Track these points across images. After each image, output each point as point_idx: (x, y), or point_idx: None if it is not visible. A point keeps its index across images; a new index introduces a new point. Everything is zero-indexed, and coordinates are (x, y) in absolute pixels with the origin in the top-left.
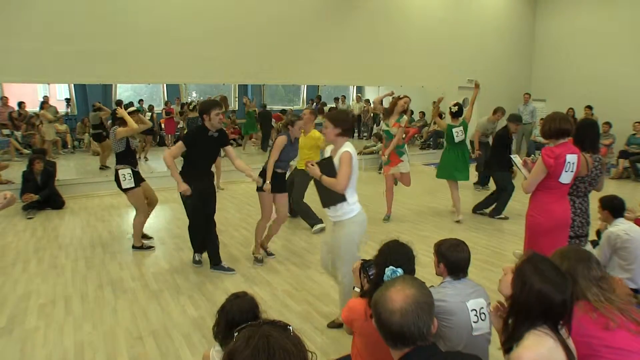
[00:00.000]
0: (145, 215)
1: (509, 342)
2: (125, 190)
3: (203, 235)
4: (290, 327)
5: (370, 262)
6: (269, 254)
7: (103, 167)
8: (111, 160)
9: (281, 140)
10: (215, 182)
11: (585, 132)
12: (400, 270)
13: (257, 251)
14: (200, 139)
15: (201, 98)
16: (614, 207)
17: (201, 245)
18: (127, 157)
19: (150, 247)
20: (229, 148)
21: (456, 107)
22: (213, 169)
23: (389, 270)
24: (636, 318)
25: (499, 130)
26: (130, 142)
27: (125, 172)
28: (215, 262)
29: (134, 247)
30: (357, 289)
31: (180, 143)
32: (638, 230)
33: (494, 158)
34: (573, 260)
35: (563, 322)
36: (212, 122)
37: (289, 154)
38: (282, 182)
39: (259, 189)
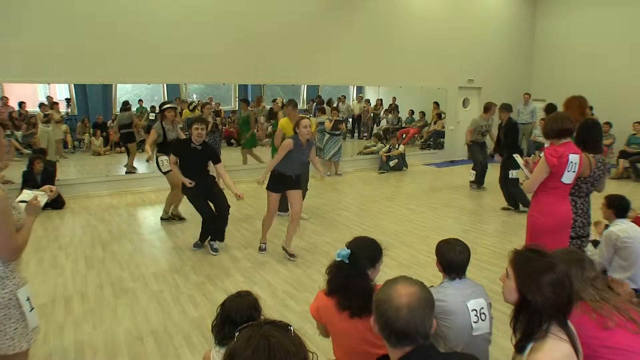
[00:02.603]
0: (176, 194)
1: (524, 340)
2: (164, 173)
3: (210, 225)
4: (291, 328)
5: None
6: (291, 255)
7: (131, 172)
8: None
9: (286, 143)
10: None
11: (588, 132)
12: (346, 250)
13: (264, 239)
14: (184, 150)
15: (197, 98)
16: (619, 207)
17: (206, 236)
18: (165, 146)
19: (181, 219)
20: (219, 166)
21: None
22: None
23: (339, 250)
24: (634, 317)
25: (508, 123)
26: (167, 134)
27: (163, 159)
28: (214, 238)
29: (161, 218)
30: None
31: (171, 156)
32: (638, 230)
33: (507, 147)
34: (565, 263)
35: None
36: (192, 136)
37: (296, 158)
38: (285, 182)
39: (268, 188)
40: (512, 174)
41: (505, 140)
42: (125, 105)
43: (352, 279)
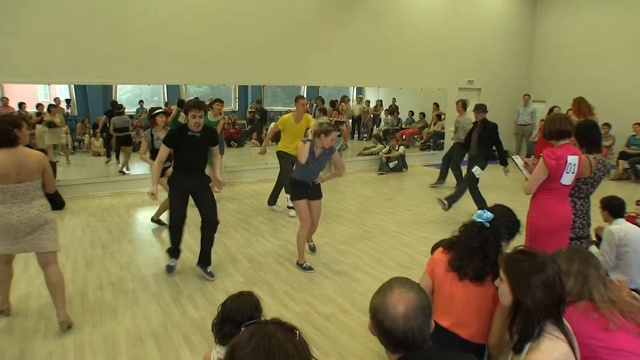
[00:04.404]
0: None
1: (521, 342)
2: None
3: (177, 237)
4: (298, 331)
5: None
6: (312, 249)
7: (123, 172)
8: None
9: (302, 147)
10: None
11: (586, 134)
12: (488, 213)
13: (302, 259)
14: (180, 139)
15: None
16: (612, 208)
17: (176, 249)
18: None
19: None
20: (215, 149)
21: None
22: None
23: (479, 212)
24: (636, 319)
25: (487, 124)
26: (154, 143)
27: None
28: (202, 263)
29: (151, 219)
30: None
31: (162, 146)
32: (636, 229)
33: (481, 147)
34: (582, 262)
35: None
36: (189, 123)
37: (311, 165)
38: (306, 189)
39: (292, 199)
40: (477, 170)
41: (480, 140)
42: (119, 109)
43: (488, 244)
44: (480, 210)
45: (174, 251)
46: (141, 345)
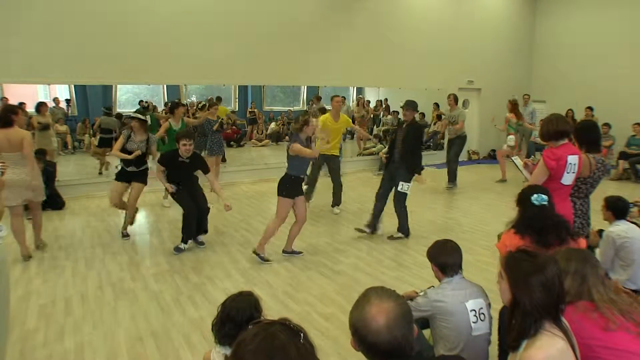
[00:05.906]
0: (111, 203)
1: (518, 339)
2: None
3: (193, 225)
4: (302, 334)
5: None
6: (297, 253)
7: (101, 173)
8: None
9: (299, 146)
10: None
11: (584, 134)
12: (542, 195)
13: (261, 250)
14: (172, 163)
15: (197, 99)
16: (617, 209)
17: (190, 236)
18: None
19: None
20: (209, 175)
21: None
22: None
23: (536, 196)
24: (636, 319)
25: (413, 124)
26: (127, 142)
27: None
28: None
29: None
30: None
31: (157, 165)
32: (637, 230)
33: (407, 153)
34: (580, 261)
35: (562, 309)
36: (180, 150)
37: (304, 160)
38: (299, 187)
39: (280, 194)
40: (403, 187)
41: (404, 145)
42: (108, 110)
43: (555, 217)
44: (535, 194)
45: (186, 239)
46: (141, 345)
